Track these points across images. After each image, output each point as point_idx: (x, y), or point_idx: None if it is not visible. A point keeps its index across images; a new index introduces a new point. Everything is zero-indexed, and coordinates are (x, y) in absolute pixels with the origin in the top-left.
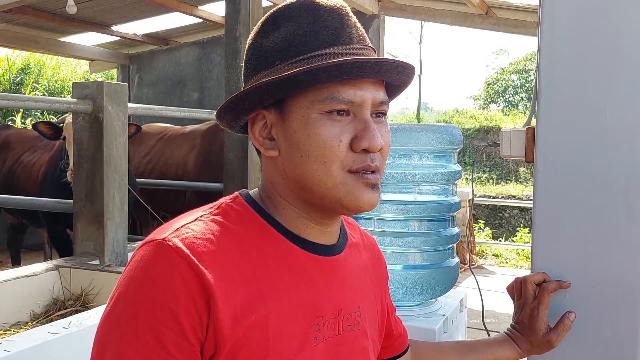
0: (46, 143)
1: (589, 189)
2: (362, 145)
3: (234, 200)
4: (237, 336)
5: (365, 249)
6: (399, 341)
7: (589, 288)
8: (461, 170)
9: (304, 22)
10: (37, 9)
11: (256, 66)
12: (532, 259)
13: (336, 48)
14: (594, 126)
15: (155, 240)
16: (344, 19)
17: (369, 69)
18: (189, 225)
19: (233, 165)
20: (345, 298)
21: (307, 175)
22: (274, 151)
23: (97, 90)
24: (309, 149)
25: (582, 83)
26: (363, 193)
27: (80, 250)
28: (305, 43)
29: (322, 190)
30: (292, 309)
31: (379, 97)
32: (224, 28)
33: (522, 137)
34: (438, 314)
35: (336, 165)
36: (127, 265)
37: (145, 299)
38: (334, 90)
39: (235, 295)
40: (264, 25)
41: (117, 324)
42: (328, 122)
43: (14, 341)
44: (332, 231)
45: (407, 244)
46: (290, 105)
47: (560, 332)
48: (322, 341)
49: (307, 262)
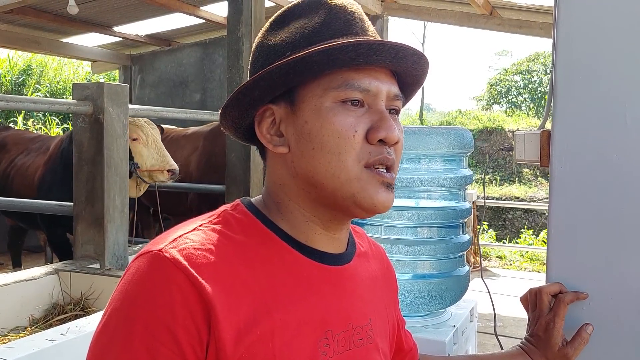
0: (40, 145)
1: (607, 196)
2: (379, 135)
3: (235, 208)
4: (241, 353)
5: (374, 258)
6: (410, 356)
7: (608, 299)
8: (472, 175)
9: (315, 16)
10: (38, 9)
11: (264, 62)
12: (548, 269)
13: (350, 37)
14: (613, 129)
15: (151, 251)
16: (355, 13)
17: (385, 53)
18: (187, 235)
19: (235, 167)
20: (356, 310)
21: (320, 169)
22: (284, 147)
23: (97, 92)
24: (322, 140)
25: (601, 84)
26: (378, 191)
27: (81, 254)
28: (317, 33)
29: (335, 185)
30: (300, 323)
31: (393, 90)
32: (226, 29)
33: (537, 140)
34: (448, 324)
35: (351, 157)
36: (121, 278)
37: (140, 315)
38: (349, 77)
39: (238, 309)
40: (272, 24)
41: (111, 342)
42: (343, 111)
43: (11, 348)
44: (341, 238)
45: (416, 252)
46: (301, 95)
47: (577, 345)
48: (332, 356)
49: (314, 272)
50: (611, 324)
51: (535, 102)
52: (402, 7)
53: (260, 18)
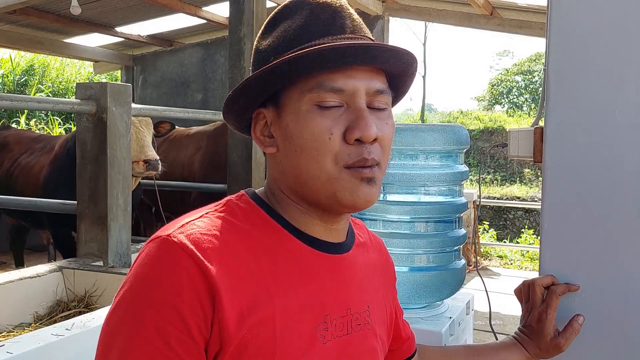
0: (43, 145)
1: (598, 190)
2: (354, 135)
3: (239, 198)
4: (243, 334)
5: (373, 249)
6: (407, 344)
7: (598, 291)
8: (468, 171)
9: (298, 17)
10: (41, 10)
11: (255, 66)
12: (541, 262)
13: (327, 39)
14: (604, 126)
15: (160, 237)
16: (337, 10)
17: (354, 55)
18: (194, 221)
19: (237, 166)
20: (354, 297)
21: (302, 169)
22: (273, 148)
23: (100, 91)
24: (302, 143)
25: (592, 82)
26: (358, 188)
27: (84, 252)
28: (297, 37)
29: (317, 185)
30: (300, 307)
31: (373, 85)
32: (228, 29)
33: (530, 137)
34: (444, 316)
35: (329, 159)
36: (133, 262)
37: (150, 297)
38: (322, 79)
39: (241, 292)
40: (265, 27)
41: (122, 322)
42: (319, 113)
43: (17, 343)
44: (339, 229)
45: (413, 246)
46: (283, 98)
47: (569, 335)
48: (330, 340)
49: (315, 260)
50: (602, 314)
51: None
52: (402, 7)
53: (262, 18)
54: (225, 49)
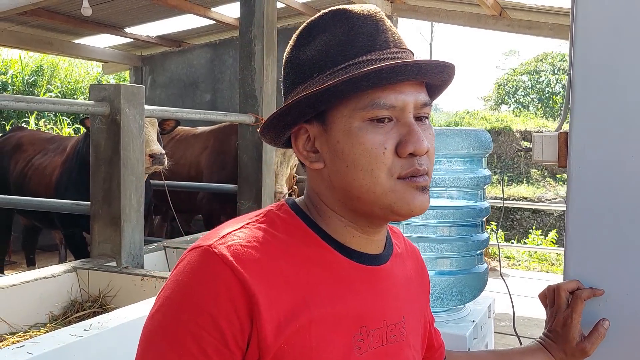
0: (57, 146)
1: (623, 195)
2: (408, 149)
3: (280, 208)
4: (280, 344)
5: (410, 258)
6: (439, 352)
7: (624, 295)
8: (490, 175)
9: (339, 31)
10: (51, 11)
11: (294, 80)
12: (565, 266)
13: (373, 54)
14: (630, 130)
15: (202, 246)
16: (379, 24)
17: (408, 72)
18: (235, 232)
19: (247, 168)
20: (390, 308)
21: (355, 184)
22: (319, 163)
23: (114, 93)
24: (354, 159)
25: (618, 86)
26: (414, 197)
27: (98, 252)
28: (342, 52)
29: (371, 198)
30: (336, 318)
31: (420, 99)
32: (239, 30)
33: (555, 142)
34: (467, 320)
35: (383, 172)
36: (173, 269)
37: (188, 304)
38: (375, 97)
39: (279, 303)
40: (299, 38)
41: (161, 325)
42: (371, 129)
43: (36, 343)
44: (379, 240)
45: (438, 250)
46: (331, 116)
47: (594, 340)
48: (366, 351)
49: (352, 271)
50: (627, 319)
51: (543, 102)
52: (411, 8)
53: (272, 20)
54: (234, 50)
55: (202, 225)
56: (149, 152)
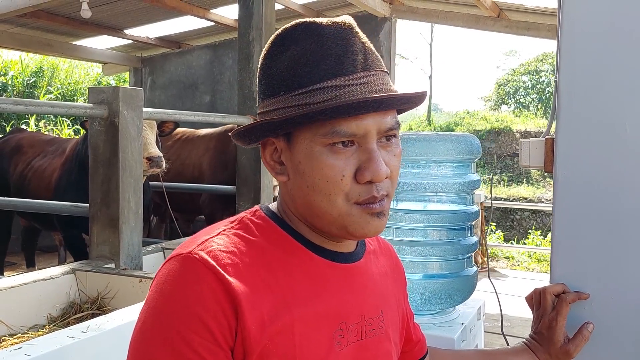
0: (56, 148)
1: (608, 200)
2: (365, 177)
3: (254, 214)
4: (265, 342)
5: (383, 255)
6: (419, 346)
7: (608, 299)
8: (480, 180)
9: (309, 48)
10: (51, 13)
11: (265, 91)
12: (552, 270)
13: (339, 80)
14: (614, 138)
15: (181, 254)
16: (349, 44)
17: (367, 107)
18: (212, 239)
19: (246, 169)
20: (367, 304)
21: (314, 204)
22: (284, 176)
23: (112, 95)
24: (314, 182)
25: (603, 94)
26: (368, 222)
27: (96, 254)
28: (308, 73)
29: (328, 219)
30: (316, 316)
31: (385, 124)
32: (237, 32)
33: (542, 147)
34: (456, 322)
35: (340, 197)
36: (154, 280)
37: (176, 310)
38: (336, 124)
39: (261, 304)
40: (272, 46)
41: (151, 336)
42: (331, 155)
43: (34, 345)
44: (349, 242)
45: (426, 253)
46: (295, 136)
47: (578, 342)
48: (346, 346)
49: (328, 271)
50: (611, 322)
51: (543, 102)
52: (410, 9)
53: (271, 22)
54: (233, 51)
55: (202, 227)
56: (147, 155)
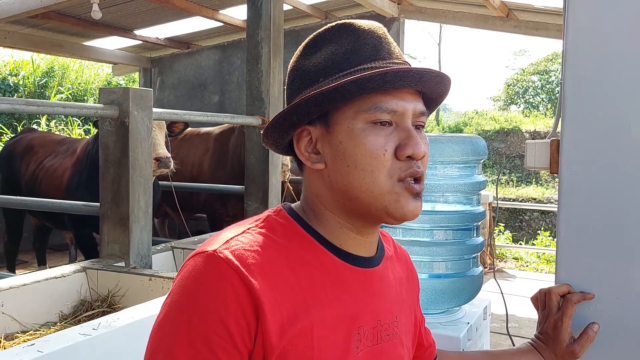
0: (67, 148)
1: (613, 201)
2: (406, 152)
3: (278, 214)
4: (284, 344)
5: (399, 261)
6: (429, 351)
7: (613, 299)
8: (485, 181)
9: (345, 41)
10: (62, 14)
11: (300, 86)
12: (557, 271)
13: (377, 62)
14: (619, 139)
15: (206, 251)
16: (382, 37)
17: (410, 78)
18: (237, 237)
19: (254, 169)
20: (384, 309)
21: (355, 184)
22: (320, 164)
23: (123, 96)
24: (356, 159)
25: (608, 96)
26: (408, 202)
27: (107, 253)
28: (347, 60)
29: (369, 198)
30: (335, 319)
31: (419, 107)
32: (246, 33)
33: (547, 149)
34: (462, 321)
35: (383, 174)
36: (178, 274)
37: (197, 308)
38: (377, 101)
39: (282, 305)
40: (305, 48)
41: (170, 330)
42: (373, 132)
43: (46, 342)
44: (372, 241)
45: (433, 253)
46: (335, 117)
47: (583, 343)
48: (362, 350)
49: (348, 273)
50: (616, 322)
51: (552, 102)
52: (418, 9)
53: (279, 22)
54: (242, 51)
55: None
56: (155, 155)
